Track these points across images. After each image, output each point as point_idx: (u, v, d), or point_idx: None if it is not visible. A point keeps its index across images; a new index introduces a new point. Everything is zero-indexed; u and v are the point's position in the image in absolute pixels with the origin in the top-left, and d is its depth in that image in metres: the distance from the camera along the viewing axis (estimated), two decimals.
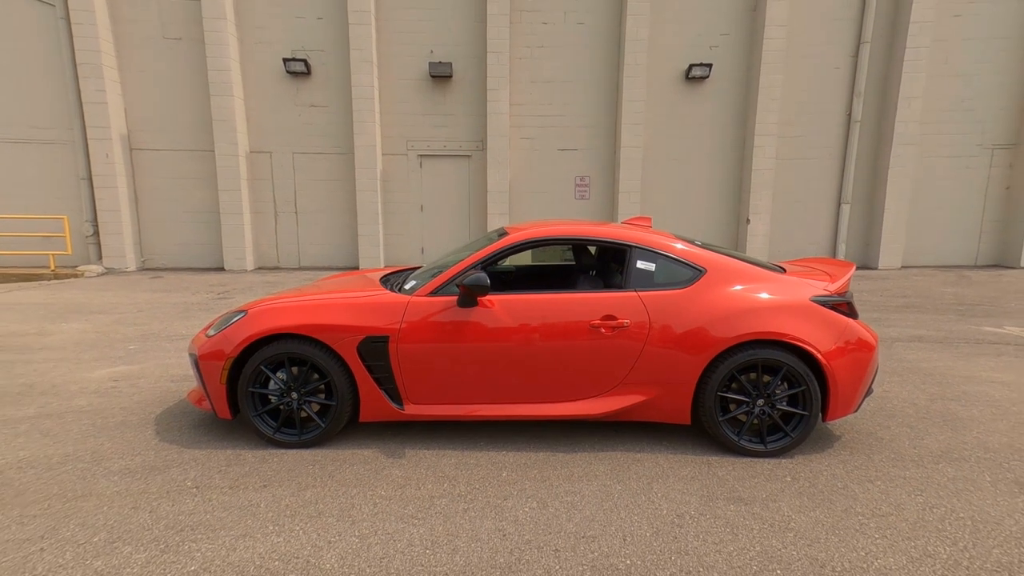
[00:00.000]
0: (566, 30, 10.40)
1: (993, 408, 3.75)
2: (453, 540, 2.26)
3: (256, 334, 2.98)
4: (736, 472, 2.86)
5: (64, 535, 2.26)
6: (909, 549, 2.20)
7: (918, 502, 2.56)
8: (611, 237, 3.24)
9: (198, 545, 2.20)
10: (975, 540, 2.27)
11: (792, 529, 2.35)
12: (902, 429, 3.41)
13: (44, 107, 10.40)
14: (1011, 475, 2.81)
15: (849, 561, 2.13)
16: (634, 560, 2.14)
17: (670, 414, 3.10)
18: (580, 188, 10.83)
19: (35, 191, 10.63)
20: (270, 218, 10.85)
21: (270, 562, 2.10)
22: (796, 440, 3.01)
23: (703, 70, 10.30)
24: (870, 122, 11.00)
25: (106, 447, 3.10)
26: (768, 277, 3.13)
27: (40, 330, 5.95)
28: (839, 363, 2.95)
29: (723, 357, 2.97)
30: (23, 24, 10.17)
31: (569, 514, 2.46)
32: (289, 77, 10.35)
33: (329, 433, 3.11)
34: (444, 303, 3.05)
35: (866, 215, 11.26)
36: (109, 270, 10.53)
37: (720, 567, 2.10)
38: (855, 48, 10.83)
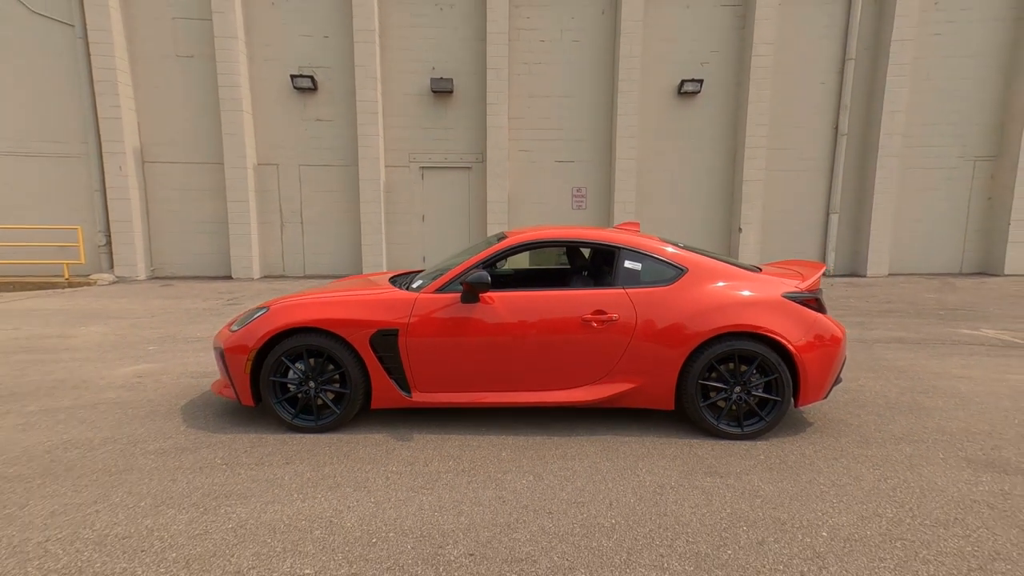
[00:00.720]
0: (562, 47, 10.83)
1: (956, 399, 4.05)
2: (458, 505, 2.54)
3: (277, 328, 3.29)
4: (715, 452, 3.15)
5: (114, 500, 2.55)
6: (861, 510, 2.49)
7: (875, 474, 2.85)
8: (602, 239, 3.56)
9: (233, 509, 2.48)
10: (920, 502, 2.56)
11: (760, 496, 2.63)
12: (870, 416, 3.70)
13: (61, 122, 10.78)
14: (962, 453, 3.11)
15: (807, 520, 2.42)
16: (619, 520, 2.43)
17: (656, 400, 3.39)
18: (577, 199, 11.18)
19: (51, 203, 10.97)
20: (276, 228, 11.20)
21: (298, 521, 2.38)
22: (770, 424, 3.30)
23: (695, 85, 10.70)
24: (856, 135, 11.39)
25: (140, 432, 3.39)
26: (744, 276, 3.45)
27: (62, 333, 6.24)
28: (808, 353, 3.25)
29: (703, 348, 3.27)
30: (43, 44, 10.57)
31: (562, 485, 2.75)
32: (296, 92, 10.74)
33: (344, 419, 3.40)
34: (449, 299, 3.35)
35: (854, 225, 11.61)
36: (120, 279, 10.84)
37: (694, 524, 2.39)
38: (840, 64, 11.25)
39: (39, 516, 2.42)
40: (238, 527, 2.33)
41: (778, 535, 2.30)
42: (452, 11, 10.63)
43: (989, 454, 3.10)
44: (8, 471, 2.86)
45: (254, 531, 2.31)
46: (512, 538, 2.28)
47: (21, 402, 3.95)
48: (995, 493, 2.66)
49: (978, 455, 3.09)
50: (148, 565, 2.08)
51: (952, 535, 2.30)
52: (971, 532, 2.32)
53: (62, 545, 2.20)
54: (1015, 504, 2.55)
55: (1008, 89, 11.11)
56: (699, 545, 2.24)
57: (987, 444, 3.24)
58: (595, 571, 2.07)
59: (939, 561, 2.12)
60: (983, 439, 3.32)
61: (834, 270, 11.66)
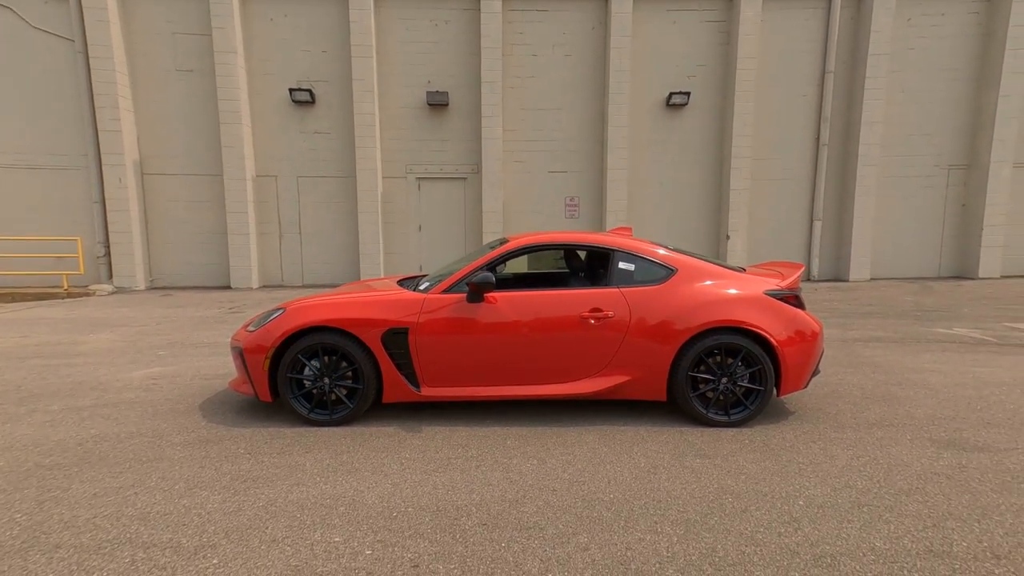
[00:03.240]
0: (554, 62, 11.19)
1: (926, 390, 4.34)
2: (469, 485, 2.78)
3: (294, 327, 3.51)
4: (704, 437, 3.40)
5: (150, 484, 2.76)
6: (834, 483, 2.76)
7: (848, 454, 3.12)
8: (597, 242, 3.83)
9: (261, 491, 2.70)
10: (887, 475, 2.83)
11: (745, 473, 2.89)
12: (847, 406, 3.98)
13: (61, 135, 10.93)
14: (927, 435, 3.39)
15: (786, 492, 2.68)
16: (616, 495, 2.67)
17: (649, 392, 3.65)
18: (570, 208, 11.49)
19: (51, 215, 11.10)
20: (275, 238, 11.40)
21: (323, 500, 2.61)
22: (754, 412, 3.57)
23: (682, 98, 11.09)
24: (836, 145, 11.82)
25: (164, 427, 3.59)
26: (730, 275, 3.73)
27: (72, 340, 6.40)
28: (789, 346, 3.53)
29: (692, 342, 3.54)
30: (43, 58, 10.75)
31: (564, 467, 2.99)
32: (295, 106, 11.00)
33: (357, 413, 3.62)
34: (455, 299, 3.60)
35: (836, 231, 12.01)
36: (119, 289, 10.97)
37: (684, 497, 2.64)
38: (820, 77, 11.69)
39: (83, 497, 2.62)
40: (268, 505, 2.55)
41: (760, 504, 2.56)
42: (447, 27, 10.96)
43: (951, 435, 3.38)
44: (45, 461, 3.06)
45: (284, 508, 2.52)
46: (520, 511, 2.51)
47: (45, 402, 4.13)
48: (953, 467, 2.94)
49: (941, 436, 3.37)
50: (191, 535, 2.29)
51: (913, 501, 2.57)
52: (929, 498, 2.59)
53: (109, 520, 2.41)
54: (969, 475, 2.83)
55: (978, 100, 11.61)
56: (689, 513, 2.49)
57: (950, 427, 3.52)
58: (596, 535, 2.31)
59: (899, 521, 2.39)
60: (947, 423, 3.60)
61: (819, 275, 12.03)
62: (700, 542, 2.25)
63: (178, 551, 2.18)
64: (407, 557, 2.15)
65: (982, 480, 2.78)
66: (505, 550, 2.20)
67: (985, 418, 3.69)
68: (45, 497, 2.64)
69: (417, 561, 2.12)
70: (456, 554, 2.17)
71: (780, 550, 2.19)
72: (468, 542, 2.26)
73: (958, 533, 2.30)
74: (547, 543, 2.25)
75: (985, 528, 2.34)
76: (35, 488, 2.74)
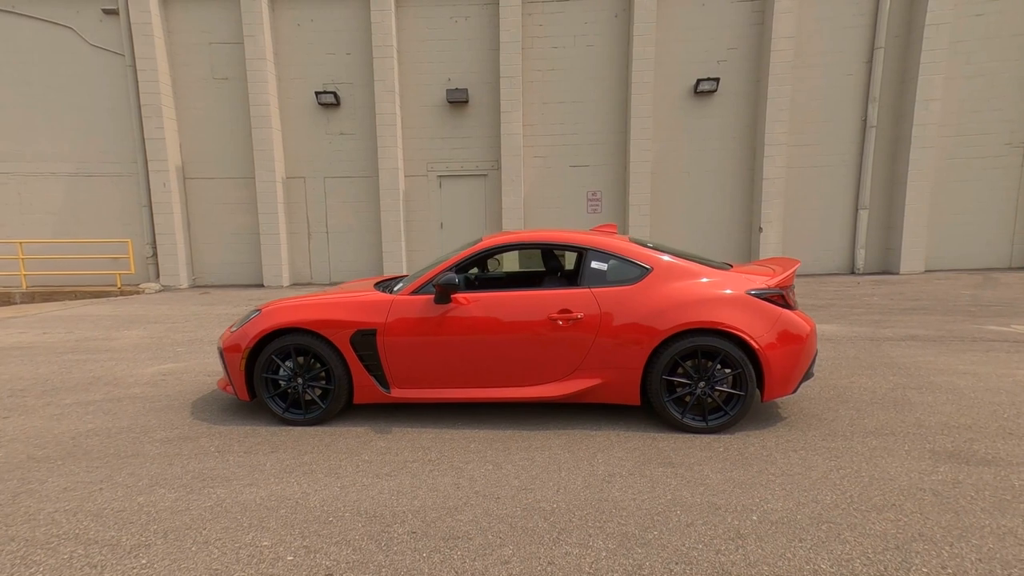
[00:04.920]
0: (576, 53, 10.96)
1: (949, 394, 3.98)
2: (415, 490, 2.75)
3: (267, 329, 3.59)
4: (676, 444, 3.25)
5: (118, 480, 2.88)
6: (800, 497, 2.56)
7: (829, 465, 2.89)
8: (569, 241, 3.71)
9: (215, 490, 2.77)
10: (864, 490, 2.60)
11: (705, 484, 2.73)
12: (848, 411, 3.70)
13: (115, 144, 11.66)
14: (929, 446, 3.10)
15: (743, 505, 2.51)
16: (559, 504, 2.58)
17: (622, 396, 3.51)
18: (592, 202, 11.27)
19: (108, 218, 11.89)
20: (304, 238, 11.76)
21: (268, 501, 2.65)
22: (734, 418, 3.37)
23: (711, 84, 10.63)
24: (886, 127, 11.02)
25: (152, 422, 3.75)
26: (709, 274, 3.53)
27: (107, 336, 6.83)
28: (772, 348, 3.30)
29: (666, 344, 3.38)
30: (99, 74, 11.48)
31: (517, 473, 2.92)
32: (321, 108, 11.28)
33: (329, 413, 3.66)
34: (424, 301, 3.58)
35: (885, 220, 11.22)
36: (165, 287, 11.63)
37: (630, 508, 2.52)
38: (869, 54, 10.93)
39: (54, 491, 2.78)
40: (215, 505, 2.61)
41: (708, 518, 2.41)
42: (467, 23, 10.93)
43: (960, 446, 3.08)
44: (38, 453, 3.26)
45: (229, 509, 2.58)
46: (456, 519, 2.47)
47: (61, 395, 4.42)
48: (946, 482, 2.67)
49: (946, 447, 3.07)
50: (133, 534, 2.37)
51: (882, 519, 2.35)
52: (903, 516, 2.36)
53: (67, 515, 2.53)
54: (962, 492, 2.56)
55: None
56: (628, 526, 2.37)
57: (962, 437, 3.21)
58: (522, 547, 2.24)
59: (857, 541, 2.19)
60: (960, 432, 3.28)
61: (864, 268, 11.30)
62: (628, 558, 2.14)
63: (115, 549, 2.27)
64: (324, 565, 2.15)
65: (974, 498, 2.52)
66: (424, 561, 2.16)
67: (1007, 428, 3.34)
68: (22, 490, 2.81)
69: (332, 569, 2.12)
70: (373, 563, 2.15)
71: (711, 570, 2.05)
72: (391, 551, 2.23)
73: (922, 557, 2.09)
74: (469, 555, 2.20)
75: (956, 552, 2.11)
76: (17, 480, 2.92)
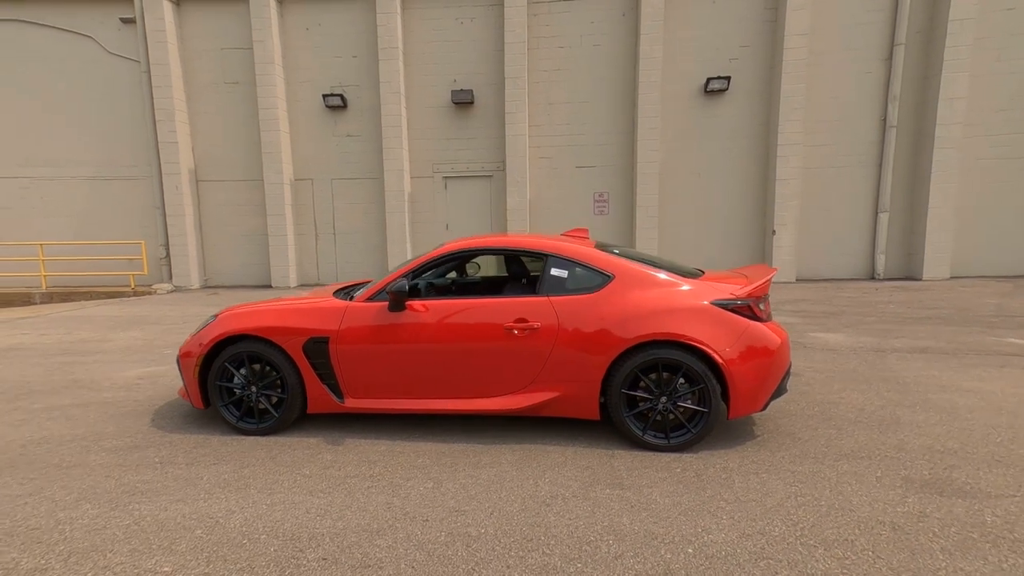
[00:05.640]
0: (582, 53, 10.76)
1: (943, 414, 3.69)
2: (344, 510, 2.63)
3: (220, 335, 3.52)
4: (633, 464, 3.05)
5: (47, 494, 2.83)
6: (747, 528, 2.35)
7: (789, 492, 2.67)
8: (528, 247, 3.55)
9: (139, 506, 2.69)
10: (817, 522, 2.38)
11: (649, 509, 2.54)
12: (828, 430, 3.45)
13: (131, 148, 11.94)
14: (904, 472, 2.84)
15: (682, 535, 2.32)
16: (488, 529, 2.43)
17: (580, 410, 3.33)
18: (598, 204, 11.04)
19: (124, 220, 12.19)
20: (311, 239, 11.83)
21: (188, 520, 2.55)
22: (697, 436, 3.16)
23: (721, 83, 10.31)
24: (907, 126, 10.54)
25: (109, 430, 3.72)
26: (673, 283, 3.32)
27: (103, 337, 6.92)
28: (737, 362, 3.09)
29: (626, 356, 3.19)
30: (117, 80, 11.78)
31: (456, 493, 2.77)
32: (328, 111, 11.33)
33: (283, 422, 3.57)
34: (377, 308, 3.46)
35: (907, 224, 10.72)
36: (177, 288, 11.84)
37: (561, 536, 2.35)
38: (888, 51, 10.47)
39: None
40: (133, 524, 2.53)
41: (640, 550, 2.22)
42: (472, 24, 10.84)
43: (938, 474, 2.82)
44: None
45: (145, 528, 2.49)
46: (374, 544, 2.33)
47: (33, 399, 4.44)
48: (911, 515, 2.43)
49: (922, 475, 2.81)
50: (35, 555, 2.29)
51: (829, 556, 2.13)
52: (852, 554, 2.14)
53: None
54: (926, 527, 2.32)
55: None
56: (552, 557, 2.20)
57: (943, 463, 2.94)
58: None
59: None
60: (943, 457, 3.01)
61: (884, 273, 10.80)
62: None
63: (10, 573, 2.20)
64: None
65: (937, 535, 2.27)
66: None
67: (996, 454, 3.05)
68: None
69: None
70: None
71: None
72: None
73: None
74: None
75: None
76: None
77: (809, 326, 6.77)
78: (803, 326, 6.77)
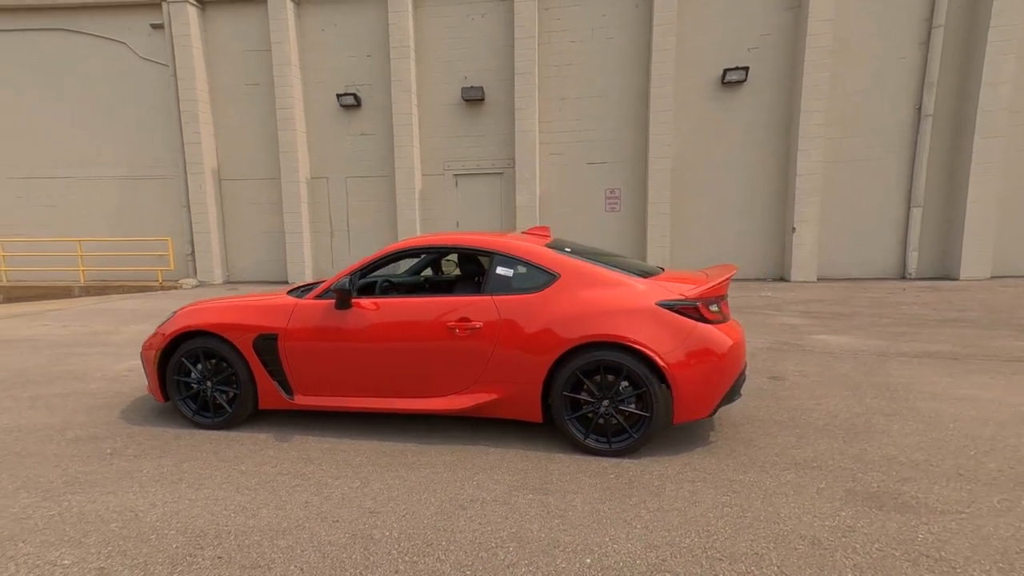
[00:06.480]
0: (594, 47, 10.54)
1: (923, 423, 3.43)
2: (261, 508, 2.62)
3: (176, 331, 3.59)
4: (568, 468, 2.95)
5: None
6: (657, 539, 2.23)
7: (718, 501, 2.52)
8: (474, 244, 3.48)
9: (72, 497, 2.76)
10: (734, 534, 2.24)
11: (564, 517, 2.44)
12: (788, 438, 3.25)
13: (162, 149, 12.44)
14: (850, 485, 2.64)
15: (587, 544, 2.21)
16: (394, 532, 2.38)
17: (522, 412, 3.24)
18: (610, 200, 10.81)
19: (155, 218, 12.72)
20: (326, 236, 12.05)
21: (109, 513, 2.59)
22: (639, 441, 3.03)
23: (739, 74, 9.92)
24: (944, 115, 9.90)
25: (79, 420, 3.86)
26: (621, 282, 3.19)
27: (114, 330, 7.22)
28: (681, 366, 2.94)
29: (567, 358, 3.08)
30: (147, 83, 12.28)
31: (378, 494, 2.73)
32: (342, 110, 11.50)
33: (237, 417, 3.62)
34: (325, 306, 3.46)
35: (943, 219, 10.07)
36: (202, 283, 12.27)
37: (463, 542, 2.28)
38: (925, 34, 9.85)
39: None
40: (57, 515, 2.58)
41: (536, 559, 2.13)
42: (483, 20, 10.78)
43: (887, 487, 2.61)
44: None
45: (66, 520, 2.53)
46: (273, 544, 2.31)
47: (24, 389, 4.65)
48: (837, 529, 2.25)
49: (869, 487, 2.61)
50: None
51: (731, 570, 2.00)
52: (757, 569, 2.00)
53: None
54: (847, 542, 2.16)
55: None
56: (444, 564, 2.14)
57: (899, 475, 2.73)
58: None
59: None
60: (900, 469, 2.79)
61: (916, 272, 10.19)
62: None
63: None
64: None
65: (857, 551, 2.10)
66: None
67: (962, 468, 2.81)
68: None
69: None
70: None
71: None
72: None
73: None
74: None
75: None
76: None
77: (814, 328, 6.43)
78: (808, 327, 6.45)
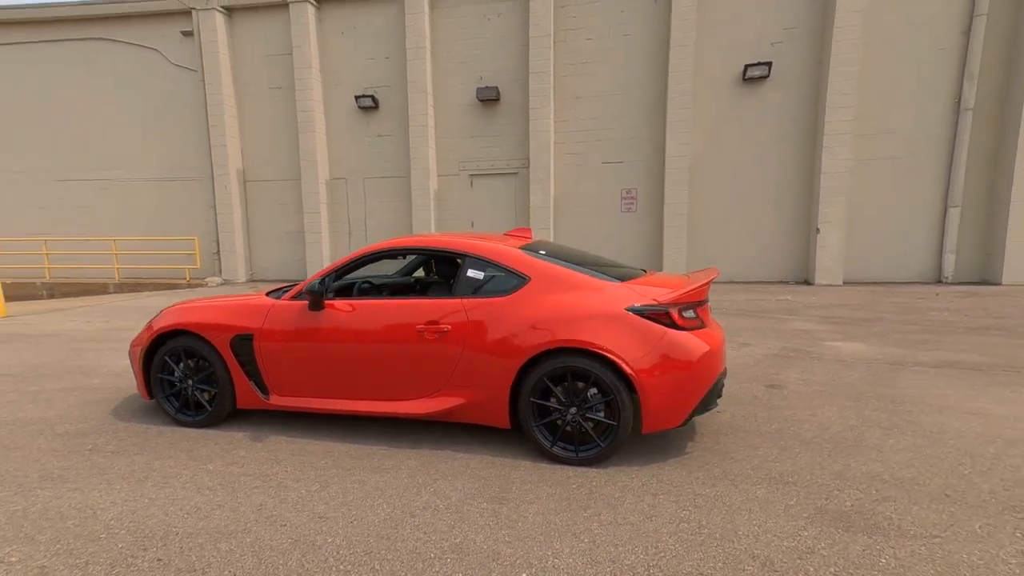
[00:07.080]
0: (611, 44, 10.36)
1: (921, 439, 3.20)
2: (214, 509, 2.62)
3: (159, 330, 3.66)
4: (530, 476, 2.86)
5: None
6: (600, 553, 2.14)
7: (675, 516, 2.40)
8: (446, 247, 3.42)
9: (40, 493, 2.81)
10: (683, 552, 2.12)
11: (512, 528, 2.36)
12: (770, 451, 3.08)
13: (191, 152, 12.86)
14: (822, 502, 2.48)
15: (527, 558, 2.13)
16: (337, 539, 2.34)
17: (490, 417, 3.17)
18: (626, 201, 10.60)
19: (185, 218, 13.18)
20: (344, 236, 12.22)
21: (70, 510, 2.63)
22: (607, 450, 2.92)
23: (761, 70, 9.58)
24: (987, 109, 9.34)
25: (73, 415, 3.97)
26: (594, 286, 3.08)
27: (132, 327, 7.44)
28: (650, 373, 2.82)
29: (535, 364, 3.00)
30: (178, 88, 12.73)
31: (333, 498, 2.70)
32: (360, 112, 11.63)
33: (217, 416, 3.66)
34: (299, 307, 3.46)
35: (983, 220, 9.50)
36: (227, 281, 12.62)
37: (402, 552, 2.22)
38: (967, 23, 9.32)
39: None
40: (21, 511, 2.62)
41: (473, 571, 2.06)
42: (499, 20, 10.73)
43: (861, 507, 2.44)
44: None
45: (28, 515, 2.57)
46: (216, 548, 2.30)
47: (33, 383, 4.82)
48: (795, 550, 2.11)
49: (842, 506, 2.44)
50: None
51: None
52: None
53: None
54: (801, 565, 2.02)
55: None
56: (379, 574, 2.08)
57: (878, 494, 2.55)
58: None
59: None
60: (883, 488, 2.61)
61: (953, 276, 9.64)
62: None
63: None
64: None
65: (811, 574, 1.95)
66: None
67: (949, 488, 2.60)
68: None
69: None
70: None
71: None
72: None
73: None
74: None
75: None
76: None
77: (831, 334, 6.14)
78: (824, 333, 6.15)
